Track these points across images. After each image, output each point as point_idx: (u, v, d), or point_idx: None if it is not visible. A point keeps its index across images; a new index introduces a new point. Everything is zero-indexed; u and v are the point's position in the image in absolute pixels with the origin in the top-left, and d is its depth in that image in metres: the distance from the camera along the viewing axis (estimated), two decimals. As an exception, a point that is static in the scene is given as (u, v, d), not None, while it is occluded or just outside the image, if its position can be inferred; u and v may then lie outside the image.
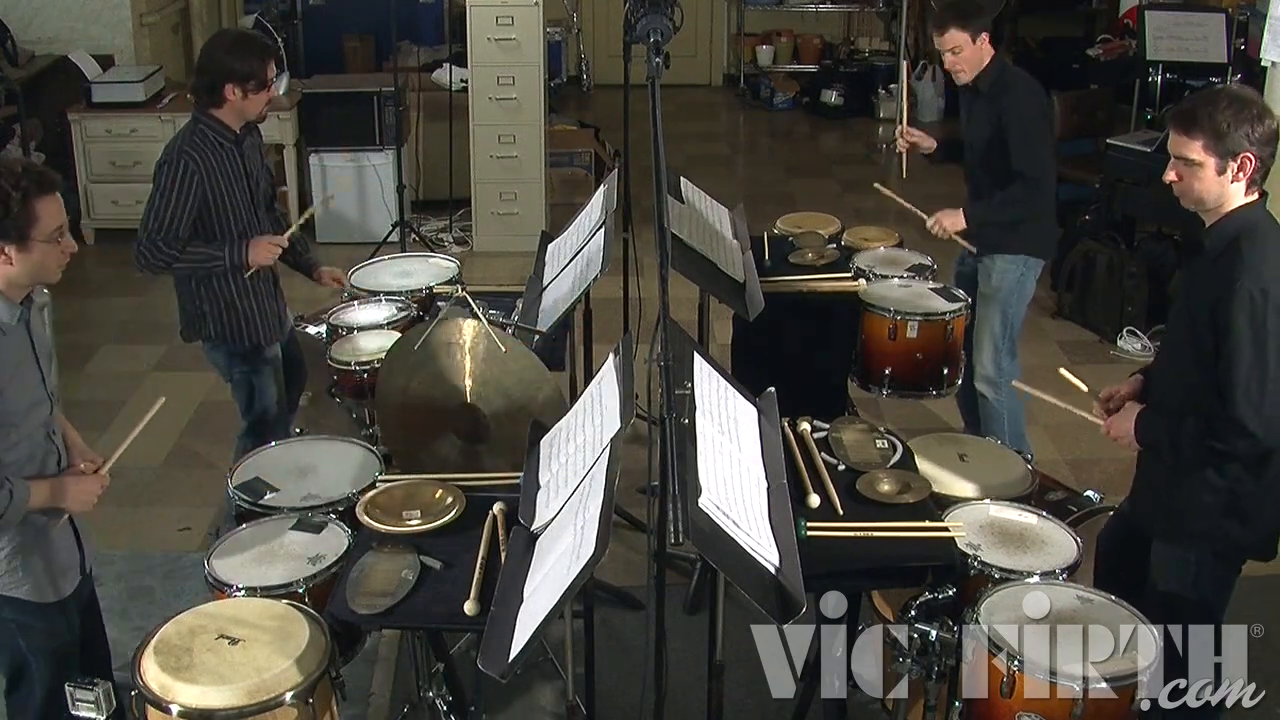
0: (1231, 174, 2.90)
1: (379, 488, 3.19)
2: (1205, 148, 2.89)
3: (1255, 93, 2.99)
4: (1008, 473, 3.42)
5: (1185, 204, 3.01)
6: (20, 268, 2.82)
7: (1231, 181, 2.91)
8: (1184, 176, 2.95)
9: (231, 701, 2.53)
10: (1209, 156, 2.89)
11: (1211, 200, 2.95)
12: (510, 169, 7.23)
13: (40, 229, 2.79)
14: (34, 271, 2.85)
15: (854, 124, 10.11)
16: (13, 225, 2.76)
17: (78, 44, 7.66)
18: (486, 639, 2.52)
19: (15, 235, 2.77)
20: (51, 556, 3.01)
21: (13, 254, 2.79)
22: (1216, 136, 2.87)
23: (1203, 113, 2.89)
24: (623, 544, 4.35)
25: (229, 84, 3.95)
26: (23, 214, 2.76)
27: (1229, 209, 2.94)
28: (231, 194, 4.01)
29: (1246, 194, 2.93)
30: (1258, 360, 2.84)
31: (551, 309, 3.87)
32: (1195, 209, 3.00)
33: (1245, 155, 2.87)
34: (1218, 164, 2.89)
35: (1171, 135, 2.97)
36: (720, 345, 4.99)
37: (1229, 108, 2.87)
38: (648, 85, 2.85)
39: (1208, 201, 2.95)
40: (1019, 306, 4.63)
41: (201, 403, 4.54)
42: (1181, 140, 2.92)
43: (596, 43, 10.72)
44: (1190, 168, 2.92)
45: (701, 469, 2.56)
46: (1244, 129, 2.86)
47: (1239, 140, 2.86)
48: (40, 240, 2.80)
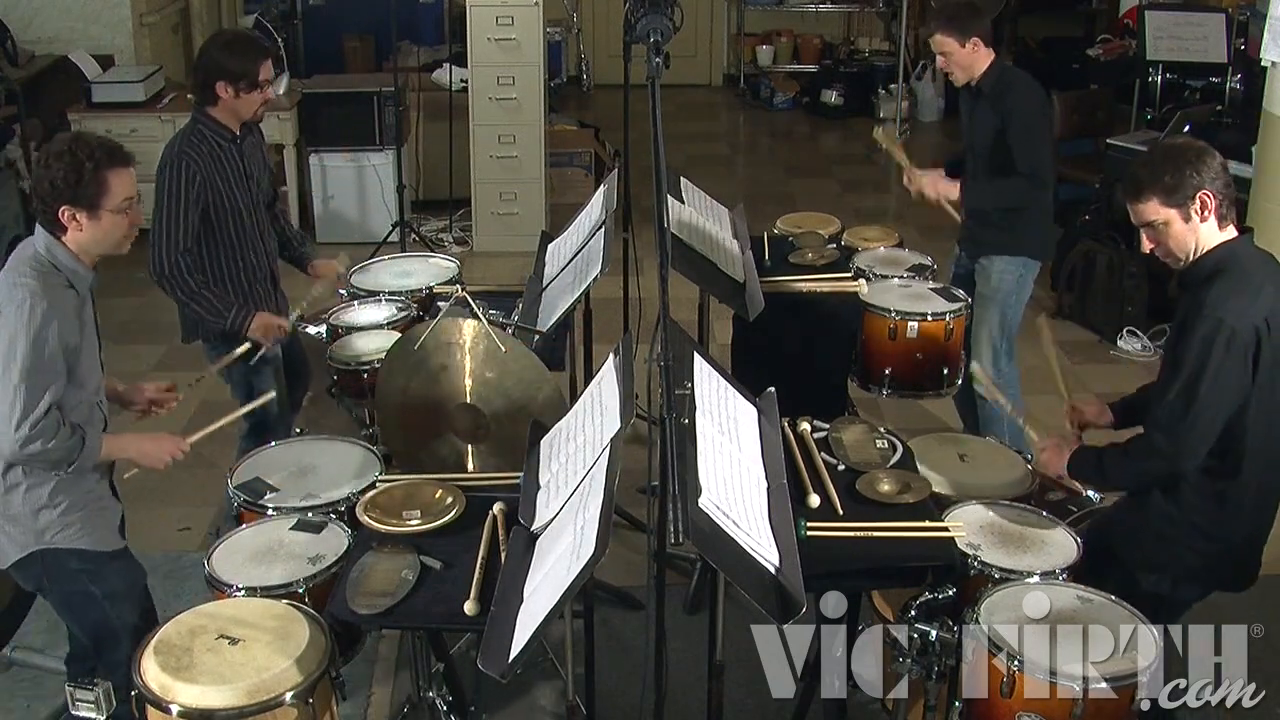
0: (1197, 216, 2.93)
1: (379, 488, 3.19)
2: (1161, 205, 2.94)
3: (1187, 138, 3.06)
4: (1008, 473, 3.43)
5: (1173, 264, 3.04)
6: (90, 234, 3.00)
7: (1200, 223, 2.94)
8: (1157, 240, 3.00)
9: (231, 701, 2.53)
10: (1168, 211, 2.93)
11: (1190, 248, 2.98)
12: (510, 169, 7.23)
13: (110, 199, 2.97)
14: (102, 240, 3.03)
15: (854, 124, 10.10)
16: (84, 193, 2.94)
17: (78, 44, 7.66)
18: (486, 639, 2.52)
19: (86, 203, 2.95)
20: (103, 511, 3.17)
21: (83, 220, 2.97)
22: (1166, 192, 2.92)
23: (1144, 175, 2.95)
24: (623, 544, 4.35)
25: (221, 82, 3.95)
26: (94, 183, 2.94)
27: (1208, 248, 2.97)
28: (232, 194, 4.01)
29: (1221, 229, 2.96)
30: (1191, 385, 2.89)
31: (551, 309, 3.87)
32: (1185, 261, 3.01)
33: (1201, 195, 2.91)
34: (1180, 214, 2.93)
35: (1129, 207, 3.01)
36: (720, 345, 4.99)
37: (1165, 160, 2.94)
38: (648, 85, 2.85)
39: (1188, 250, 2.99)
40: (1017, 307, 4.64)
41: (202, 402, 4.54)
42: (1138, 208, 2.98)
43: (596, 43, 10.72)
44: (1157, 230, 2.97)
45: (701, 469, 2.56)
46: (1187, 172, 2.91)
47: (1188, 185, 2.91)
48: (109, 210, 2.98)
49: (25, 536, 3.07)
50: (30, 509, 3.04)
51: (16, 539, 3.08)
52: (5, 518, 3.07)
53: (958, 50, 4.42)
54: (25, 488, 3.03)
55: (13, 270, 2.97)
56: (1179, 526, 3.05)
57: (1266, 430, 2.96)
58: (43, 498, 3.04)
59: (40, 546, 3.08)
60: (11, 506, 3.05)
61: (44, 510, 3.05)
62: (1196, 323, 2.88)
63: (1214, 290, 2.90)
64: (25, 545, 3.08)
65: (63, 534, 3.08)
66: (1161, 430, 2.96)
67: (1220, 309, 2.86)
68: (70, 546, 3.09)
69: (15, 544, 3.09)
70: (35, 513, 3.05)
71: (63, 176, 2.92)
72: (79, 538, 3.10)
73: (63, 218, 2.96)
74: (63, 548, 3.09)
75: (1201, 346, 2.86)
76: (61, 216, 2.96)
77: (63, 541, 3.08)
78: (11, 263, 3.00)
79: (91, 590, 3.14)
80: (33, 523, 3.05)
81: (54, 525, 3.07)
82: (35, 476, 3.03)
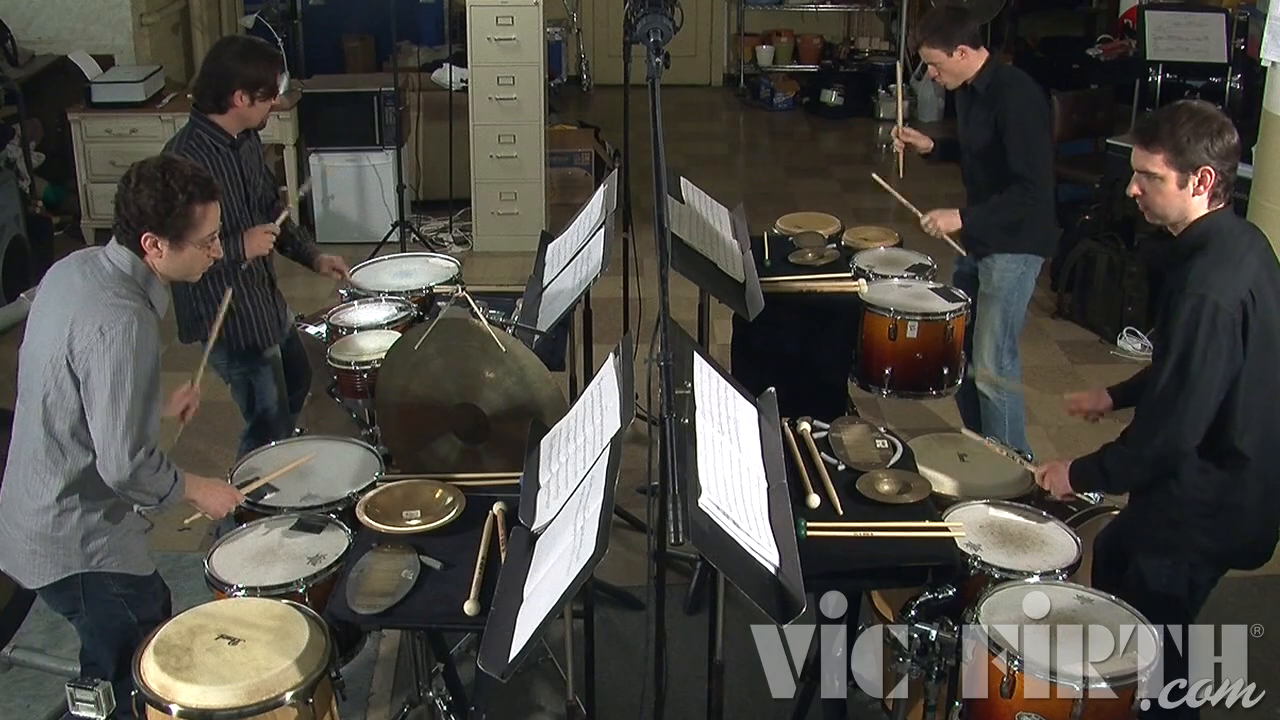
0: (1192, 188, 2.93)
1: (379, 488, 3.19)
2: (1166, 161, 2.92)
3: (1215, 108, 3.04)
4: (1008, 473, 3.43)
5: (1149, 218, 3.05)
6: (168, 263, 3.00)
7: (1193, 195, 2.94)
8: (1146, 190, 2.99)
9: (231, 701, 2.53)
10: (1170, 170, 2.93)
11: (1174, 214, 2.98)
12: (510, 169, 7.23)
13: (196, 232, 2.99)
14: (179, 270, 3.05)
15: (854, 124, 10.11)
16: (172, 224, 2.94)
17: (78, 44, 7.66)
18: (486, 639, 2.52)
19: (172, 233, 2.96)
20: (140, 537, 3.17)
21: (164, 249, 2.97)
22: (1177, 150, 2.91)
23: (1164, 127, 2.93)
24: (623, 544, 4.35)
25: (238, 91, 3.95)
26: (184, 215, 2.95)
27: (1190, 220, 2.97)
28: (228, 198, 4.01)
29: (1209, 206, 2.96)
30: (1182, 364, 2.88)
31: (551, 309, 3.87)
32: (1160, 223, 3.04)
33: (1205, 169, 2.90)
34: (1178, 178, 2.92)
35: (1134, 149, 3.00)
36: (720, 345, 4.99)
37: (1189, 121, 2.91)
38: (648, 85, 2.85)
39: (1170, 215, 2.99)
40: (1020, 305, 4.63)
41: (202, 402, 4.55)
42: (1143, 154, 2.96)
43: (596, 43, 10.72)
44: (1152, 181, 2.96)
45: (701, 469, 2.56)
46: (1204, 143, 2.89)
47: (1199, 154, 2.89)
48: (193, 242, 3.00)
49: (69, 559, 3.02)
50: (81, 534, 3.01)
51: (58, 560, 3.02)
52: (48, 539, 3.01)
53: (945, 59, 4.44)
54: (80, 513, 2.99)
55: (105, 289, 2.91)
56: (1185, 508, 3.03)
57: (1264, 401, 2.96)
58: (94, 523, 3.01)
59: (84, 570, 3.04)
60: (61, 529, 3.00)
61: (94, 536, 3.02)
62: (1180, 301, 2.88)
63: (1196, 266, 2.90)
64: (68, 567, 3.03)
65: (110, 559, 3.05)
66: (1157, 413, 2.95)
67: (1203, 285, 2.86)
68: (115, 571, 3.07)
69: (57, 565, 3.03)
70: (85, 537, 3.01)
71: (153, 205, 2.91)
72: (122, 563, 3.08)
73: (144, 243, 2.95)
74: (107, 572, 3.06)
75: (1188, 325, 2.86)
76: (144, 242, 2.94)
77: (109, 566, 3.06)
78: (97, 278, 2.93)
79: (129, 616, 3.11)
80: (80, 546, 3.01)
81: (102, 550, 3.04)
82: (91, 502, 3.00)
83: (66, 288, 2.95)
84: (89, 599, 3.08)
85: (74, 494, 2.97)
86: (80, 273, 2.97)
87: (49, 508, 2.98)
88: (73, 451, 2.94)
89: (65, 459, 2.95)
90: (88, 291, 2.91)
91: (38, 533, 3.00)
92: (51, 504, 2.97)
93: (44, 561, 3.03)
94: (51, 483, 2.97)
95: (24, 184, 6.68)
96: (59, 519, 2.99)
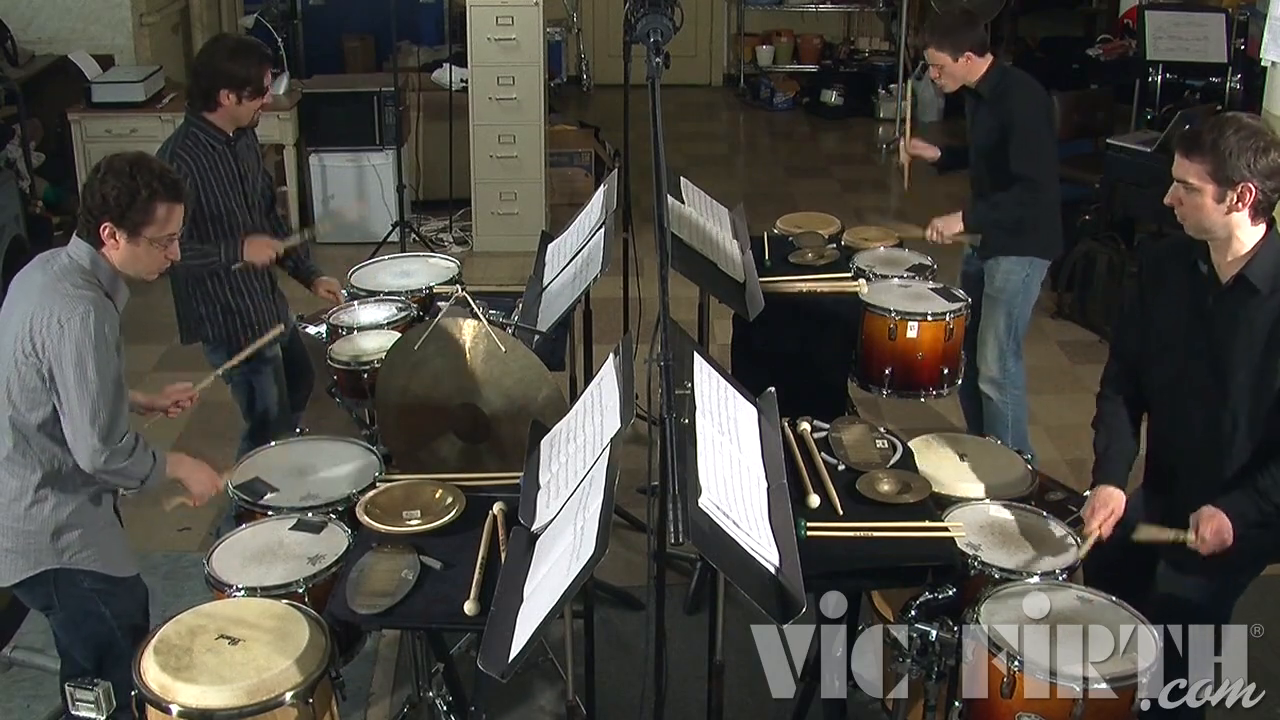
0: (1230, 204, 2.84)
1: (379, 488, 3.19)
2: (1205, 173, 2.84)
3: (1265, 124, 2.95)
4: (1008, 473, 3.42)
5: (1190, 231, 2.96)
6: (124, 255, 3.01)
7: (1231, 211, 2.85)
8: (1184, 201, 2.90)
9: (231, 701, 2.53)
10: (1207, 183, 2.84)
11: (1217, 229, 2.89)
12: (510, 169, 7.23)
13: (153, 229, 2.99)
14: (133, 264, 3.04)
15: (854, 124, 10.11)
16: (130, 216, 2.96)
17: (78, 44, 7.65)
18: (486, 639, 2.52)
19: (129, 225, 2.97)
20: (117, 535, 3.19)
21: (121, 241, 2.99)
22: (1217, 163, 2.82)
23: (1207, 138, 2.84)
24: (623, 544, 4.35)
25: (225, 89, 3.97)
26: (145, 210, 2.97)
27: (1251, 242, 2.89)
28: (226, 196, 4.02)
29: (1254, 224, 2.88)
30: None
31: (551, 309, 3.87)
32: (1203, 237, 2.95)
33: (1246, 185, 2.82)
34: (1216, 191, 2.84)
35: (1175, 157, 2.92)
36: (720, 345, 4.99)
37: (1235, 135, 2.82)
38: (648, 85, 2.85)
39: (1213, 230, 2.90)
40: (1024, 307, 4.63)
41: (202, 403, 4.54)
42: (1183, 163, 2.88)
43: (596, 43, 10.72)
44: (1190, 193, 2.88)
45: (701, 469, 2.56)
46: (1246, 158, 2.80)
47: (1239, 169, 2.81)
48: (149, 238, 3.00)
49: (40, 554, 3.04)
50: (51, 528, 3.02)
51: (30, 555, 3.04)
52: (18, 534, 3.02)
53: (950, 63, 4.44)
54: (51, 506, 3.02)
55: (61, 280, 2.95)
56: None
57: None
58: (64, 518, 3.03)
59: (55, 566, 3.05)
60: (31, 523, 3.02)
61: (65, 531, 3.04)
62: None
63: None
64: (38, 563, 3.05)
65: (81, 555, 3.07)
66: None
67: None
68: (87, 568, 3.08)
69: (29, 560, 3.05)
70: (56, 532, 3.03)
71: (115, 195, 2.93)
72: (95, 560, 3.09)
73: (103, 233, 2.97)
74: (79, 569, 3.07)
75: None
76: (102, 231, 2.97)
77: (82, 563, 3.07)
78: (54, 272, 2.97)
79: (102, 611, 3.13)
80: (50, 541, 3.03)
81: (73, 546, 3.05)
82: (63, 494, 3.02)
83: (28, 285, 3.00)
84: (61, 594, 3.10)
85: (44, 488, 3.01)
86: (40, 269, 3.02)
87: (17, 502, 3.01)
88: (40, 445, 2.98)
89: (33, 452, 2.98)
90: (45, 284, 2.96)
91: (8, 528, 3.03)
92: (20, 499, 3.01)
93: (16, 558, 3.06)
94: (21, 477, 3.00)
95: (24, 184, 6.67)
96: (29, 513, 3.02)
